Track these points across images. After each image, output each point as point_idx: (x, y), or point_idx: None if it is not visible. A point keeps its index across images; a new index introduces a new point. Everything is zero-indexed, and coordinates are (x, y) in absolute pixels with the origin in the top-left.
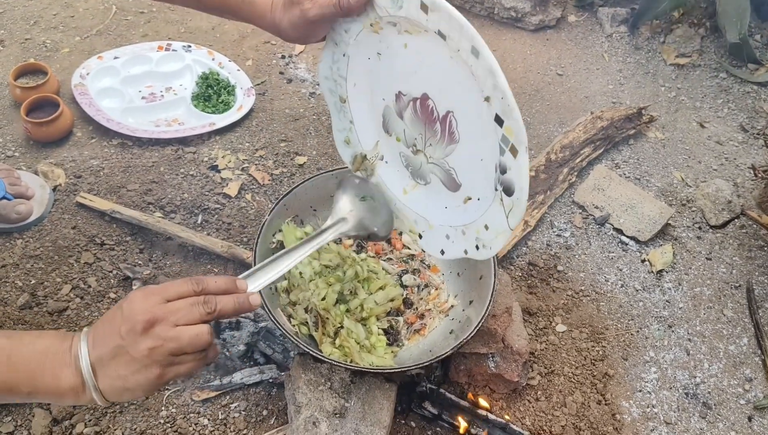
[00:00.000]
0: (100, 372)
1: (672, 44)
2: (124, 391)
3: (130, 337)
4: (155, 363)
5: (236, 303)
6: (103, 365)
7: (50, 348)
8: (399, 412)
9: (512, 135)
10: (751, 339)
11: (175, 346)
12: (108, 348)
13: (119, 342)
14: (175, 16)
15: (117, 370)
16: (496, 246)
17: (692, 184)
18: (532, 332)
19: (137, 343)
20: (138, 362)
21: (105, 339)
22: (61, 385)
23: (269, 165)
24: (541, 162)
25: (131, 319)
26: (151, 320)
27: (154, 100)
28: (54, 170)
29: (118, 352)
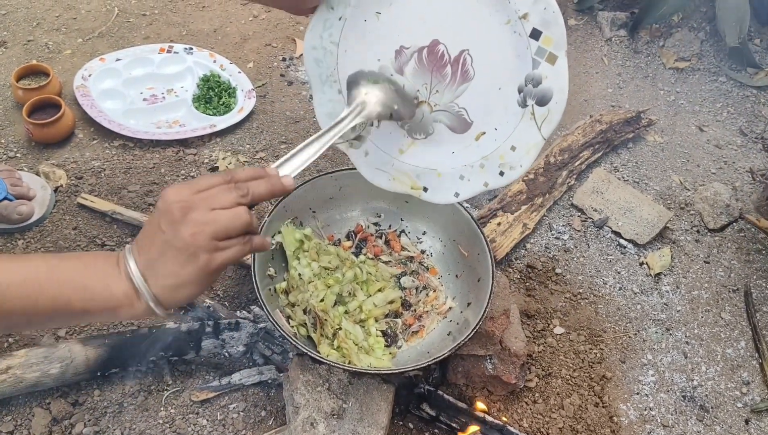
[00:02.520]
0: (151, 276)
1: (671, 48)
2: (177, 288)
3: (171, 228)
4: (201, 249)
5: (270, 184)
6: (152, 267)
7: (97, 263)
8: (397, 414)
9: (551, 44)
10: (748, 342)
11: (215, 228)
12: (153, 248)
13: (162, 237)
14: (177, 19)
15: (166, 267)
16: (526, 163)
17: (691, 188)
18: (530, 334)
19: (178, 231)
20: (184, 252)
21: (148, 241)
22: (115, 293)
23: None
24: (540, 165)
25: (167, 211)
26: (186, 207)
27: (156, 102)
28: (55, 171)
29: (163, 248)
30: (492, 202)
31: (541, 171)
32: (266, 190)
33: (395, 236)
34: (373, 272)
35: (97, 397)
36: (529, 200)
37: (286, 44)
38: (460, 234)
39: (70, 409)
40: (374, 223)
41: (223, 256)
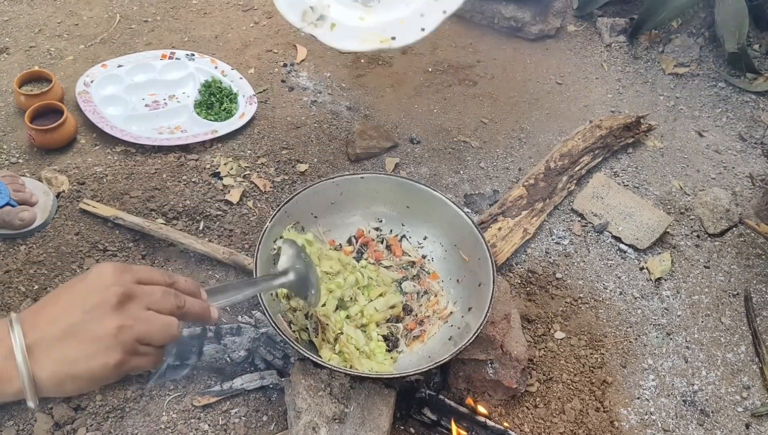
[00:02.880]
0: (41, 356)
1: (671, 54)
2: (67, 379)
3: (97, 311)
4: (119, 346)
5: (201, 309)
6: (47, 347)
7: None
8: (398, 418)
9: None
10: (748, 347)
11: (144, 329)
12: (58, 326)
13: (79, 318)
14: (179, 25)
15: (65, 352)
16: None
17: (691, 193)
18: (530, 339)
19: (104, 319)
20: (99, 343)
21: (55, 316)
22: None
23: (271, 172)
24: (541, 170)
25: (102, 292)
26: (127, 295)
27: (158, 108)
28: (58, 177)
29: (73, 330)
30: (492, 208)
31: (542, 176)
32: (198, 312)
33: (396, 241)
34: (374, 277)
35: (99, 401)
36: (529, 205)
37: (287, 50)
38: (461, 239)
39: (72, 414)
40: (375, 227)
41: (136, 362)
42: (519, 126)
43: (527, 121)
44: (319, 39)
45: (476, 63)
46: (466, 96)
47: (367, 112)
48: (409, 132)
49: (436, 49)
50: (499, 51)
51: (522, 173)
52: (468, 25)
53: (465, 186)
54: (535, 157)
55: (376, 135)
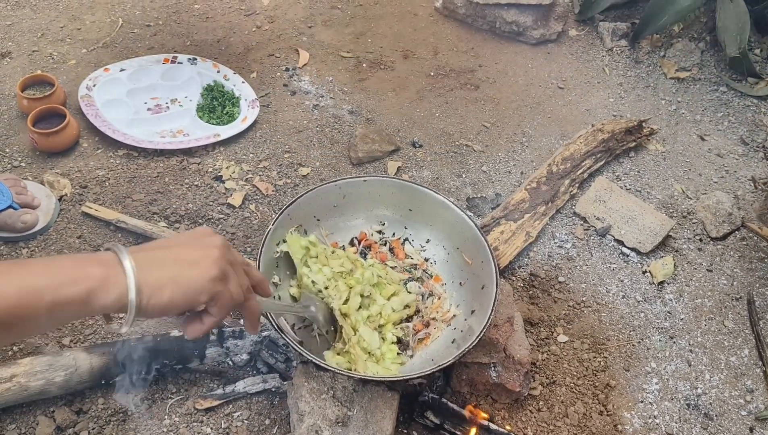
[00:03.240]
0: (147, 264)
1: (672, 58)
2: (169, 283)
3: (207, 245)
4: (217, 267)
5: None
6: (154, 261)
7: (67, 256)
8: (401, 422)
9: None
10: (752, 350)
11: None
12: (168, 247)
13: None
14: (181, 30)
15: (174, 266)
16: None
17: (693, 197)
18: (533, 342)
19: (210, 248)
20: (203, 260)
21: (164, 243)
22: (91, 273)
23: (273, 176)
24: (543, 174)
25: (211, 235)
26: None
27: (160, 112)
28: (60, 180)
29: (181, 251)
30: (495, 211)
31: (544, 180)
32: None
33: (399, 244)
34: (384, 275)
35: (101, 405)
36: (532, 209)
37: (289, 54)
38: (464, 242)
39: (74, 418)
40: (378, 230)
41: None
42: (521, 130)
43: (529, 125)
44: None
45: (478, 67)
46: (468, 100)
47: (369, 116)
48: (411, 136)
49: (437, 54)
50: (500, 55)
51: (524, 177)
52: (469, 29)
53: (467, 189)
54: (537, 160)
55: (378, 139)
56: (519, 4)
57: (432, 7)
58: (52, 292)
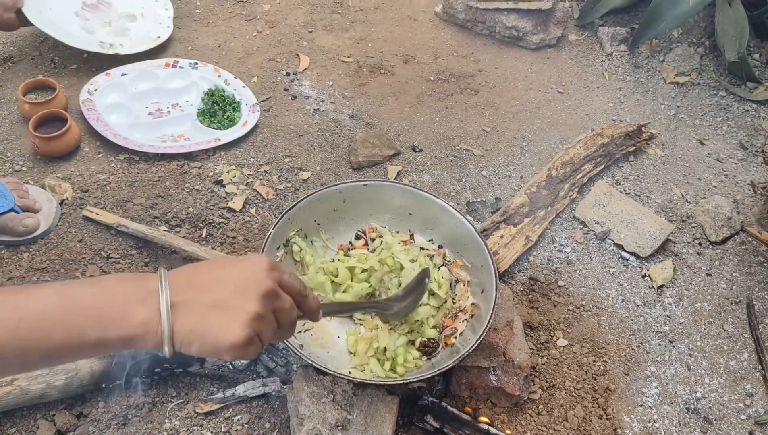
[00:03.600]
0: (184, 314)
1: (671, 63)
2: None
3: (246, 295)
4: (249, 329)
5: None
6: (191, 309)
7: (117, 287)
8: (401, 426)
9: None
10: (751, 354)
11: (268, 327)
12: (207, 295)
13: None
14: (182, 34)
15: (206, 318)
16: None
17: (692, 201)
18: (533, 346)
19: (248, 303)
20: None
21: (206, 285)
22: (134, 321)
23: (273, 180)
24: (543, 178)
25: (256, 280)
26: (271, 292)
27: (161, 116)
28: (61, 184)
29: (219, 302)
30: (495, 215)
31: (544, 184)
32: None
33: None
34: (406, 256)
35: (102, 409)
36: (531, 213)
37: (290, 59)
38: (464, 246)
39: (75, 421)
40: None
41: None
42: (521, 134)
43: (529, 129)
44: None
45: (478, 72)
46: (467, 105)
47: (370, 121)
48: (411, 140)
49: (437, 58)
50: (500, 60)
51: (524, 181)
52: (469, 34)
53: (467, 194)
54: (536, 165)
55: (379, 143)
56: (519, 9)
57: (432, 12)
58: (96, 336)
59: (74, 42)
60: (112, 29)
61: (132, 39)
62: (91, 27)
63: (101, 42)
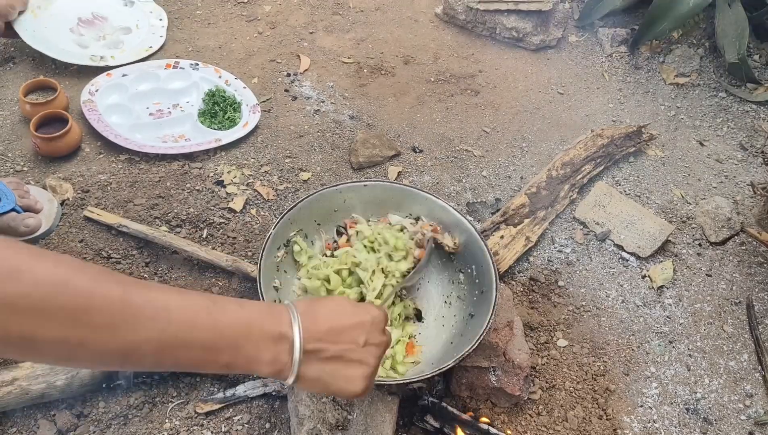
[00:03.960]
0: (313, 361)
1: (671, 64)
2: (319, 385)
3: (369, 351)
4: (367, 381)
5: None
6: (319, 358)
7: (256, 319)
8: (401, 426)
9: None
10: (751, 355)
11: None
12: (335, 346)
13: (353, 347)
14: (183, 35)
15: (332, 369)
16: None
17: (692, 202)
18: (533, 347)
19: (370, 359)
20: (358, 374)
21: (336, 335)
22: (262, 358)
23: (274, 180)
24: (543, 179)
25: (379, 336)
26: (386, 345)
27: (162, 117)
28: (62, 185)
29: (345, 355)
30: (495, 216)
31: (544, 184)
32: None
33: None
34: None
35: (102, 408)
36: (531, 214)
37: (291, 60)
38: (464, 246)
39: (75, 421)
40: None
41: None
42: (521, 135)
43: (529, 130)
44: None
45: (478, 73)
46: (468, 105)
47: (370, 121)
48: (411, 141)
49: (438, 59)
50: (500, 61)
51: (524, 182)
52: (470, 35)
53: (467, 194)
54: (536, 165)
55: (379, 144)
56: (519, 11)
57: (432, 13)
58: (228, 360)
59: (65, 57)
60: (106, 42)
61: (125, 50)
62: (85, 42)
63: (92, 55)
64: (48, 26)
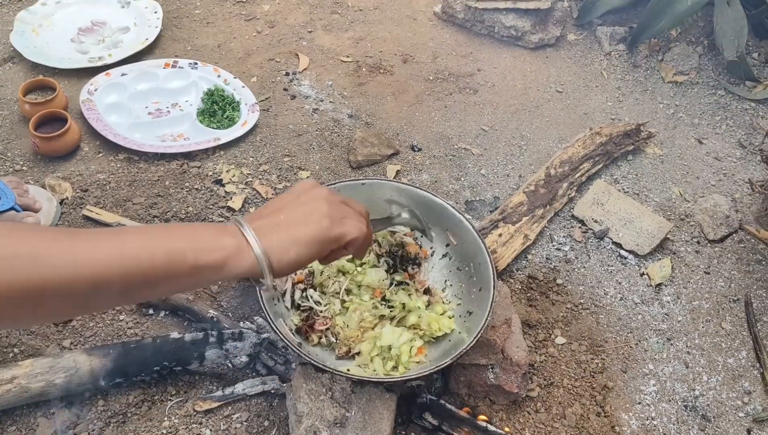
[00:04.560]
0: (267, 232)
1: (670, 62)
2: (292, 243)
3: (311, 199)
4: (328, 217)
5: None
6: (272, 225)
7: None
8: (399, 424)
9: None
10: (749, 352)
11: (349, 211)
12: (279, 210)
13: (295, 200)
14: (182, 34)
15: (287, 224)
16: None
17: (691, 199)
18: (531, 344)
19: (317, 201)
20: (312, 215)
21: (274, 207)
22: (225, 245)
23: (273, 179)
24: (541, 177)
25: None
26: (330, 192)
27: (161, 116)
28: (61, 184)
29: (291, 211)
30: (493, 214)
31: (542, 183)
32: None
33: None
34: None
35: (102, 407)
36: (530, 212)
37: (289, 59)
38: (462, 244)
39: (75, 419)
40: None
41: (342, 228)
42: (519, 133)
43: (527, 128)
44: None
45: (477, 71)
46: (466, 104)
47: (369, 120)
48: (410, 139)
49: (436, 58)
50: (499, 59)
51: (522, 180)
52: (468, 34)
53: (466, 192)
54: (535, 164)
55: (378, 142)
56: (517, 9)
57: (431, 12)
58: (194, 257)
59: (65, 64)
60: (106, 44)
61: (123, 48)
62: (85, 48)
63: (91, 57)
64: (49, 41)
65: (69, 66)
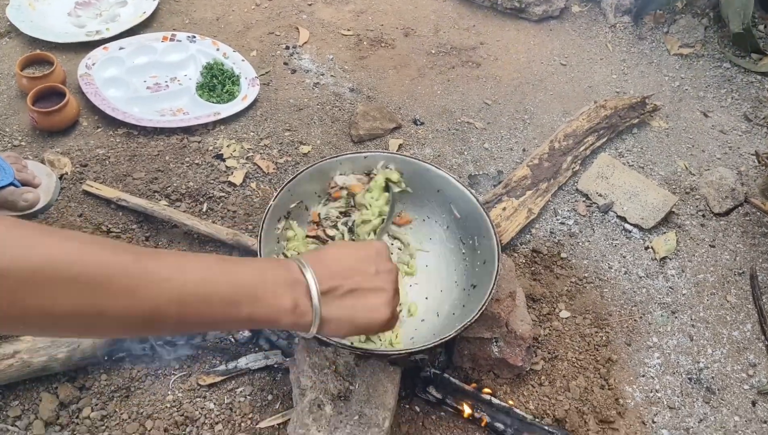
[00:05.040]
0: (332, 302)
1: (675, 34)
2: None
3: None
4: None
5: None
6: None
7: (268, 269)
8: (403, 397)
9: None
10: (754, 325)
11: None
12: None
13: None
14: (180, 7)
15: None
16: None
17: (696, 173)
18: (535, 318)
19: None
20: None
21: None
22: (282, 304)
23: (274, 154)
24: (545, 150)
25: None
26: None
27: (159, 90)
28: (60, 159)
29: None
30: (497, 188)
31: (546, 156)
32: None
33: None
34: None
35: (104, 381)
36: (534, 185)
37: (289, 32)
38: (466, 218)
39: (77, 394)
40: None
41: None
42: (523, 107)
43: (531, 102)
44: None
45: (479, 45)
46: (469, 77)
47: (370, 94)
48: (412, 113)
49: (438, 31)
50: (502, 32)
51: (526, 154)
52: (471, 6)
53: (469, 166)
54: (539, 137)
55: (379, 116)
56: None
57: None
58: (249, 310)
59: (63, 38)
60: (103, 18)
61: (121, 22)
62: (82, 22)
63: (88, 32)
64: (46, 15)
65: (66, 40)
